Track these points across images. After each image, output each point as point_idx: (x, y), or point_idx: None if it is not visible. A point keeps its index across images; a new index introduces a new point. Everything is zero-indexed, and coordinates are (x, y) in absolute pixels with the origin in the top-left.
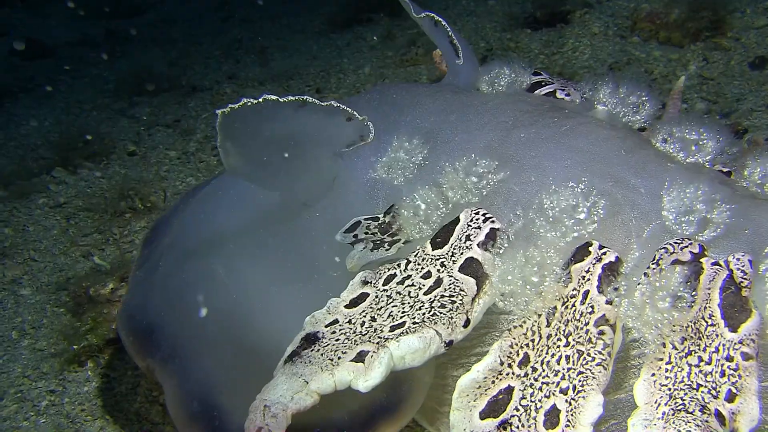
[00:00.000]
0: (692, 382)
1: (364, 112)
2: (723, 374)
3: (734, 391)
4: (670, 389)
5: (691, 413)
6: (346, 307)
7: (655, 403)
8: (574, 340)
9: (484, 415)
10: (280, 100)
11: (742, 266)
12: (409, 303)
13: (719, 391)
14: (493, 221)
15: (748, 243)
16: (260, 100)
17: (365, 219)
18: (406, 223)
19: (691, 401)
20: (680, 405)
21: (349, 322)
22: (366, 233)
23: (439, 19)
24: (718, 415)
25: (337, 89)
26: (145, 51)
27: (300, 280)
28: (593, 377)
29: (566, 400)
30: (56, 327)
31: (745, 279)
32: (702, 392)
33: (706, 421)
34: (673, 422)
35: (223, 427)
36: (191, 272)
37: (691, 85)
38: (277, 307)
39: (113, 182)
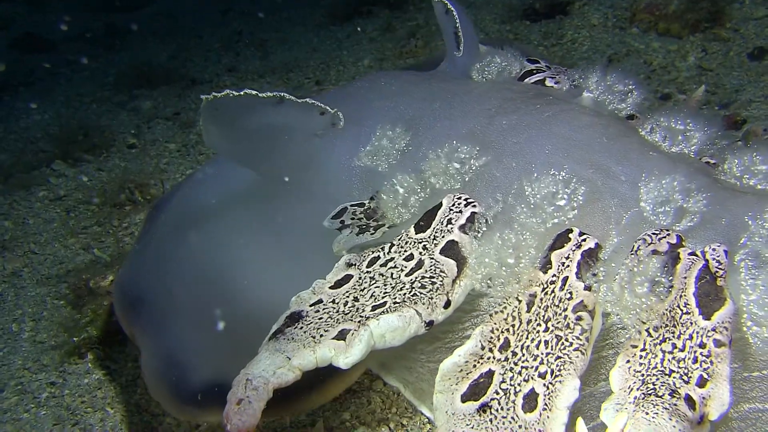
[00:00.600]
0: (665, 368)
1: (352, 100)
2: (695, 360)
3: (705, 376)
4: (643, 375)
5: (660, 397)
6: (331, 288)
7: (628, 388)
8: (552, 325)
9: (465, 398)
10: (260, 95)
11: (718, 256)
12: (391, 284)
13: (691, 377)
14: (474, 205)
15: (724, 233)
16: (242, 93)
17: (351, 205)
18: (385, 207)
19: (662, 386)
20: (651, 389)
21: (333, 302)
22: (352, 219)
23: (451, 7)
24: (689, 399)
25: (336, 81)
26: (145, 44)
27: (273, 254)
28: (570, 362)
29: (544, 384)
30: (56, 319)
31: (720, 269)
32: (674, 377)
33: (675, 405)
34: (642, 405)
35: (185, 383)
36: (172, 245)
37: (690, 76)
38: (247, 275)
39: (113, 175)
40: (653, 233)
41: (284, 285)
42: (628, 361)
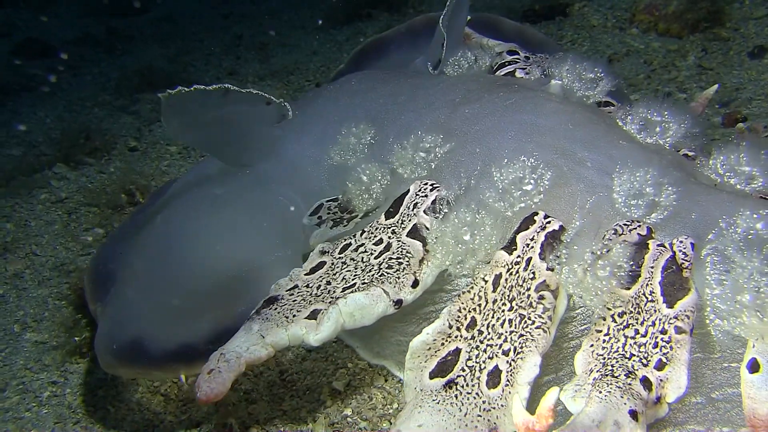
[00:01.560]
0: (626, 352)
1: (321, 99)
2: (656, 345)
3: (664, 360)
4: (604, 358)
5: (616, 377)
6: (306, 275)
7: (590, 370)
8: (516, 304)
9: (433, 375)
10: (208, 88)
11: (684, 248)
12: (361, 267)
13: (650, 360)
14: (439, 189)
15: (693, 228)
16: (192, 88)
17: (327, 201)
18: (352, 196)
19: (620, 368)
20: (609, 371)
21: (307, 286)
22: (328, 214)
23: (441, 25)
24: (645, 380)
25: None
26: (146, 48)
27: (227, 232)
28: (533, 339)
29: (507, 361)
30: (58, 320)
31: (685, 261)
32: (633, 361)
33: (629, 384)
34: (598, 386)
35: (144, 352)
36: (140, 224)
37: (690, 75)
38: (205, 253)
39: (114, 177)
40: (624, 224)
41: (231, 261)
42: (591, 345)
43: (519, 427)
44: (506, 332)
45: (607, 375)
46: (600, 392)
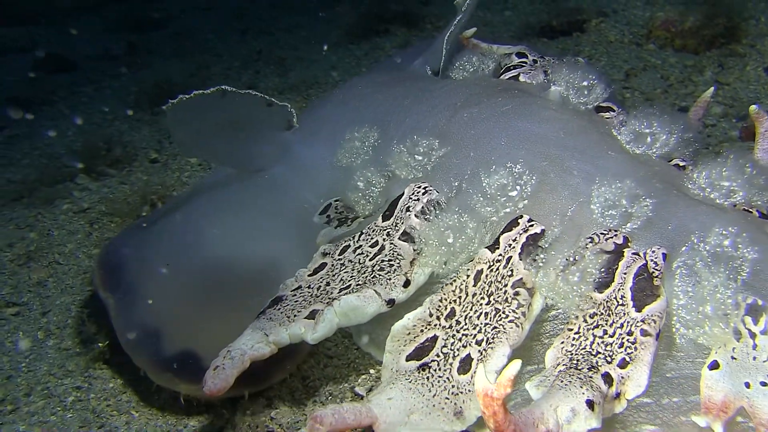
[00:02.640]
0: (593, 349)
1: (330, 103)
2: (621, 345)
3: (628, 359)
4: (572, 354)
5: (579, 370)
6: (309, 275)
7: (557, 364)
8: (493, 299)
9: (409, 358)
10: (205, 91)
11: (656, 258)
12: (357, 269)
13: (614, 358)
14: (431, 193)
15: (669, 238)
16: (191, 94)
17: (334, 201)
18: (351, 203)
19: (584, 362)
20: (573, 364)
21: (309, 287)
22: (335, 213)
23: (445, 44)
24: (607, 376)
25: None
26: (166, 63)
27: (241, 233)
28: (504, 331)
29: (479, 351)
30: (81, 327)
31: (656, 270)
32: (598, 357)
33: (590, 377)
34: (560, 377)
35: (168, 351)
36: (158, 222)
37: (707, 90)
38: (223, 251)
39: (136, 188)
40: (601, 233)
41: (247, 261)
42: (562, 342)
43: (479, 393)
44: (482, 324)
45: (571, 368)
46: (561, 381)
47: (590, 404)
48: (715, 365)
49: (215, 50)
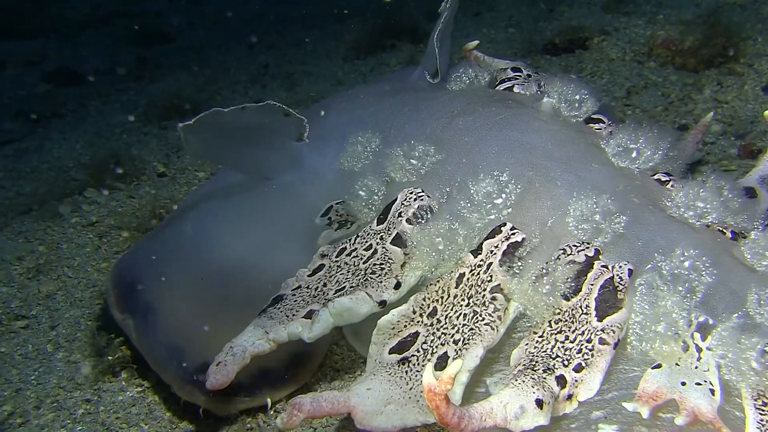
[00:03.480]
0: (552, 352)
1: (334, 112)
2: (579, 351)
3: (583, 364)
4: (533, 355)
5: (535, 371)
6: (308, 276)
7: (518, 365)
8: (473, 301)
9: (392, 351)
10: (225, 110)
11: (621, 273)
12: (352, 271)
13: (570, 362)
14: (422, 199)
15: (639, 254)
16: (212, 110)
17: (336, 203)
18: (354, 210)
19: (542, 364)
20: (530, 365)
21: (308, 287)
22: (336, 216)
23: (436, 43)
24: (561, 378)
25: None
26: (174, 77)
27: (253, 243)
28: (479, 333)
29: (455, 350)
30: (90, 340)
31: (621, 284)
32: (556, 360)
33: (544, 378)
34: (516, 377)
35: (189, 364)
36: (168, 235)
37: (706, 108)
38: (234, 256)
39: (144, 201)
40: (574, 245)
41: (261, 271)
42: (527, 344)
43: (424, 388)
44: (460, 324)
45: (528, 368)
46: (516, 380)
47: (539, 403)
48: (658, 366)
49: (223, 65)
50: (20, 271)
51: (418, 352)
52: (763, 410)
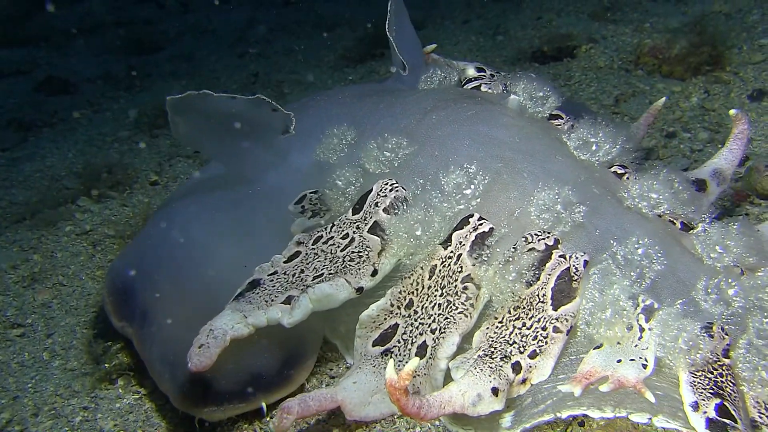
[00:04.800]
0: (510, 339)
1: (313, 111)
2: (535, 338)
3: (538, 351)
4: (492, 340)
5: (492, 359)
6: (284, 262)
7: (478, 348)
8: (446, 292)
9: (375, 344)
10: (215, 93)
11: (577, 264)
12: (329, 258)
13: (526, 349)
14: (397, 190)
15: (596, 243)
16: (201, 92)
17: (310, 193)
18: (329, 200)
19: (500, 351)
20: (490, 352)
21: (285, 273)
22: (310, 204)
23: (390, 34)
24: (517, 365)
25: None
26: (164, 86)
27: (245, 243)
28: (454, 322)
29: (433, 338)
30: (86, 347)
31: (576, 275)
32: (513, 347)
33: (501, 367)
34: (475, 364)
35: (183, 375)
36: (156, 238)
37: (693, 115)
38: (225, 264)
39: (137, 210)
40: (535, 234)
41: (239, 268)
42: (487, 328)
43: (386, 383)
44: (435, 314)
45: (486, 355)
46: (474, 368)
47: (495, 391)
48: (599, 347)
49: (213, 73)
50: (15, 279)
51: (399, 342)
52: (695, 374)
